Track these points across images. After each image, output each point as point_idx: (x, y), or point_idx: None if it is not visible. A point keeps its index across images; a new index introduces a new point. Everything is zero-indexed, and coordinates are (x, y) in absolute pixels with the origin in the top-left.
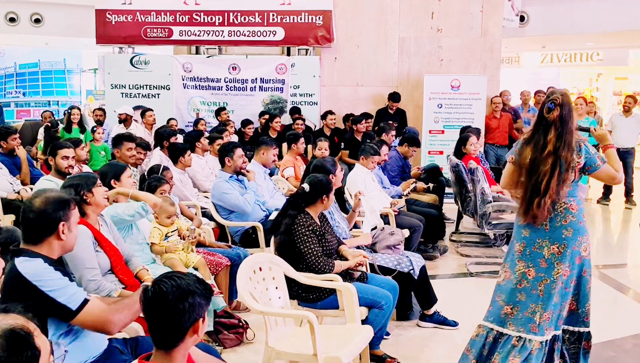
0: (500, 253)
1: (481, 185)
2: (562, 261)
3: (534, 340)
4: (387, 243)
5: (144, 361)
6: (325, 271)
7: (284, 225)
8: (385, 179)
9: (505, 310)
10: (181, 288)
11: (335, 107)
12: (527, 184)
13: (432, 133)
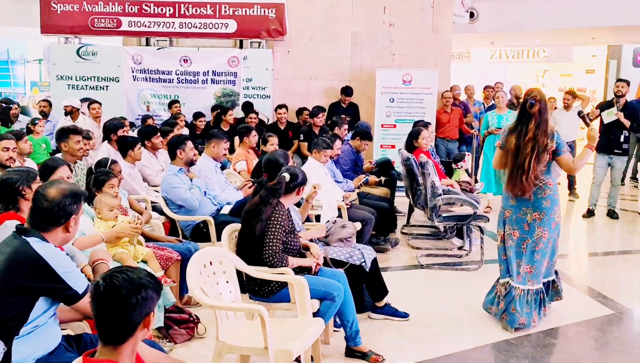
0: (450, 245)
1: (431, 178)
2: (541, 225)
3: (517, 287)
4: (339, 236)
5: (88, 358)
6: (277, 267)
7: (265, 214)
8: (338, 173)
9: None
10: (134, 282)
11: (289, 100)
12: (513, 164)
13: (384, 127)
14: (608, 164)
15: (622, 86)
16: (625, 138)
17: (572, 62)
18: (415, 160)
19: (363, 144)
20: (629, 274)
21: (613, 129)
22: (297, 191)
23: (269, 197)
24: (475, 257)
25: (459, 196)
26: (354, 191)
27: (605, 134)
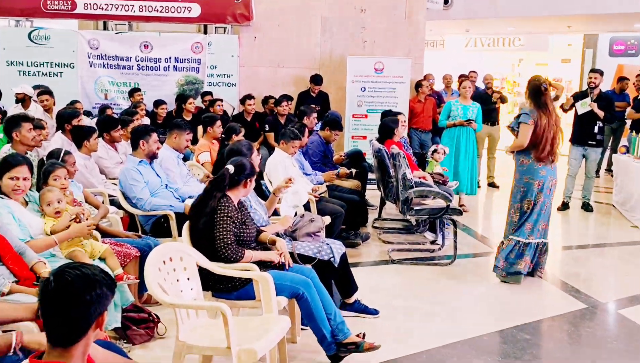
0: (422, 239)
1: (403, 171)
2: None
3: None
4: (307, 231)
5: (35, 360)
6: (233, 260)
7: (209, 207)
8: (307, 165)
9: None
10: (87, 278)
11: (255, 89)
12: (546, 140)
13: (355, 117)
14: (582, 156)
15: (595, 77)
16: (599, 128)
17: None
18: (386, 151)
19: (333, 134)
20: (603, 267)
21: (587, 120)
22: (244, 183)
23: (213, 190)
24: (448, 252)
25: (432, 188)
26: (324, 184)
27: (579, 125)
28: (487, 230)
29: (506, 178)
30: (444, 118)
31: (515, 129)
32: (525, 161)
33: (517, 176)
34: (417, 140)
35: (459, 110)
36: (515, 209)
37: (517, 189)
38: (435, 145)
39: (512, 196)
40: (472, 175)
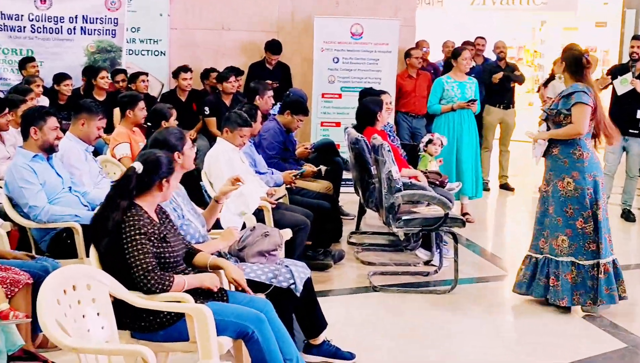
0: (413, 258)
1: (388, 168)
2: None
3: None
4: (260, 248)
5: None
6: (159, 291)
7: (112, 221)
8: (260, 161)
9: None
10: None
11: (192, 59)
12: (605, 125)
13: (325, 97)
14: (622, 149)
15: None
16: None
17: (578, 11)
18: (366, 143)
19: (296, 120)
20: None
21: (629, 102)
22: (158, 185)
23: (116, 198)
24: (447, 275)
25: (426, 191)
26: (283, 186)
27: (618, 108)
28: (499, 246)
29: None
30: (436, 101)
31: (562, 113)
32: (585, 154)
33: (576, 176)
34: (406, 128)
35: (455, 89)
36: (586, 220)
37: (582, 193)
38: (431, 134)
39: (572, 203)
40: (476, 173)
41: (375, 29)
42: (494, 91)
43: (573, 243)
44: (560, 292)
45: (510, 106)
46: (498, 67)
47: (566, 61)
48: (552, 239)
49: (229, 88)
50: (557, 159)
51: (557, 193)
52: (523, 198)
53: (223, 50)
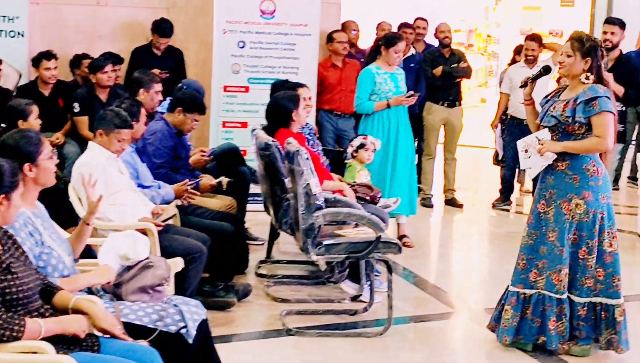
0: (337, 293)
1: (306, 180)
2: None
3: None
4: (142, 283)
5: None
6: (5, 339)
7: None
8: (144, 171)
9: None
10: None
11: (58, 42)
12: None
13: (228, 91)
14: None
15: (613, 32)
16: (620, 114)
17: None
18: (279, 148)
19: (190, 119)
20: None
21: None
22: None
23: None
24: (379, 314)
25: (353, 210)
26: (173, 203)
27: None
28: (444, 276)
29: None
30: (366, 97)
31: (580, 122)
32: (600, 171)
33: (588, 196)
34: (330, 129)
35: (388, 82)
36: (590, 250)
37: (594, 218)
38: (362, 137)
39: (579, 228)
40: (411, 186)
41: (290, 7)
42: (436, 86)
43: (570, 274)
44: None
45: (456, 104)
46: (441, 56)
47: (592, 55)
48: (551, 272)
49: (104, 80)
50: (565, 175)
51: (562, 216)
52: (474, 216)
53: (99, 32)
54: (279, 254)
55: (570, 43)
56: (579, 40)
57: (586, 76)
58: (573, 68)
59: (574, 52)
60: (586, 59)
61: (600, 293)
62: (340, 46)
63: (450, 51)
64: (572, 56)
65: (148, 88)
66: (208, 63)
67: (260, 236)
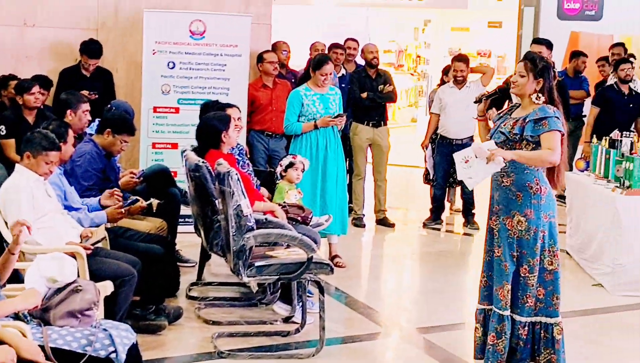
0: (269, 315)
1: (236, 201)
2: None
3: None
4: (70, 308)
5: None
6: None
7: None
8: (73, 194)
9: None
10: None
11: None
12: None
13: (158, 112)
14: None
15: (540, 51)
16: None
17: (469, 9)
18: (209, 169)
19: (119, 141)
20: None
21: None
22: None
23: None
24: (311, 335)
25: (285, 231)
26: (103, 226)
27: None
28: (374, 295)
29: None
30: (294, 118)
31: (527, 139)
32: (543, 189)
33: (530, 214)
34: (262, 150)
35: (317, 103)
36: (531, 268)
37: (535, 236)
38: (292, 156)
39: (521, 246)
40: (342, 206)
41: (220, 27)
42: (362, 106)
43: (513, 293)
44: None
45: (382, 124)
46: (367, 77)
47: (544, 75)
48: (498, 288)
49: (31, 101)
50: (509, 191)
51: (505, 232)
52: (405, 235)
53: (26, 52)
54: (210, 276)
55: (523, 63)
56: (532, 61)
57: (537, 96)
58: (525, 88)
59: (527, 72)
60: (538, 79)
61: (540, 312)
62: (271, 66)
63: (376, 72)
64: (525, 76)
65: (75, 109)
66: (137, 84)
67: (191, 258)
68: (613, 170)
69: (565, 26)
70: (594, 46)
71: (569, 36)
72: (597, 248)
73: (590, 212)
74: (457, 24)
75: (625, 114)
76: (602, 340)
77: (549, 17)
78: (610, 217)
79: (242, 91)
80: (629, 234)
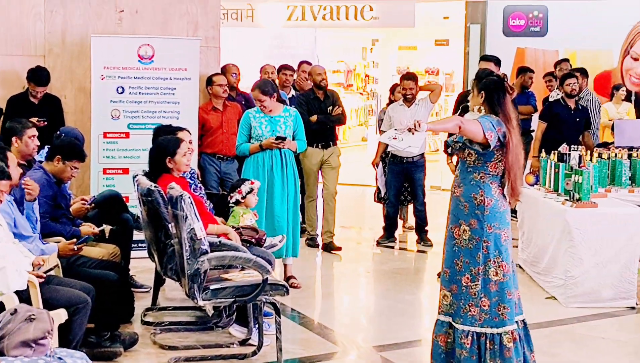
0: (226, 338)
1: (190, 225)
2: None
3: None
4: (24, 337)
5: None
6: None
7: None
8: (23, 222)
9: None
10: None
11: None
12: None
13: (109, 138)
14: None
15: (488, 69)
16: None
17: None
18: (161, 193)
19: (69, 167)
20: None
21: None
22: None
23: None
24: (269, 356)
25: (239, 253)
26: (55, 254)
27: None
28: (330, 314)
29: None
30: (243, 139)
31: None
32: (487, 201)
33: (474, 224)
34: (213, 172)
35: (264, 125)
36: (474, 277)
37: (477, 245)
38: (250, 182)
39: (465, 254)
40: (293, 227)
41: (169, 51)
42: (311, 130)
43: (455, 302)
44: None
45: (331, 144)
46: (315, 99)
47: (485, 90)
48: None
49: None
50: (459, 202)
51: (452, 240)
52: (359, 254)
53: None
54: (165, 301)
55: (474, 80)
56: (477, 77)
57: (479, 109)
58: (473, 102)
59: (473, 88)
60: (481, 93)
61: (485, 323)
62: (220, 89)
63: (324, 93)
64: (476, 95)
65: (21, 135)
66: (87, 109)
67: (146, 284)
68: (563, 184)
69: (512, 42)
70: (540, 61)
71: (515, 52)
72: (550, 261)
73: (541, 225)
74: (404, 42)
75: (572, 128)
76: (557, 352)
77: (495, 34)
78: (561, 230)
79: (192, 114)
80: (580, 246)
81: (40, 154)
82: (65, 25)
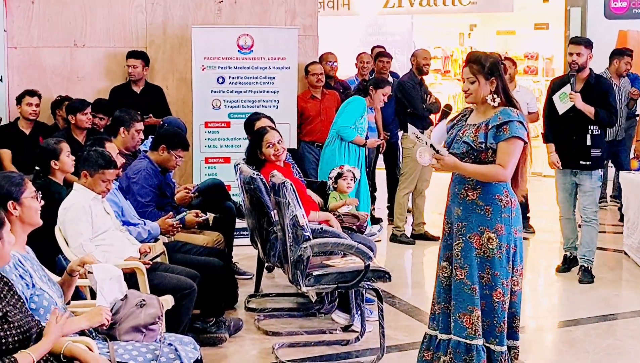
0: (329, 324)
1: (292, 212)
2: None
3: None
4: (135, 323)
5: None
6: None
7: None
8: (129, 209)
9: None
10: None
11: (37, 85)
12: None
13: (210, 127)
14: (574, 185)
15: (579, 52)
16: (593, 137)
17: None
18: (264, 181)
19: (173, 156)
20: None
21: (573, 125)
22: None
23: None
24: (372, 343)
25: (340, 239)
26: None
27: (562, 133)
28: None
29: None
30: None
31: (492, 148)
32: (513, 202)
33: (501, 230)
34: (312, 160)
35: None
36: (505, 291)
37: (507, 254)
38: (339, 167)
39: (492, 266)
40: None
41: (268, 40)
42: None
43: (486, 320)
44: None
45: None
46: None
47: (495, 74)
48: (463, 314)
49: (84, 121)
50: (476, 206)
51: (472, 251)
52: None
53: (78, 72)
54: (268, 287)
55: (469, 68)
56: (477, 62)
57: (492, 98)
58: (479, 93)
59: (475, 76)
60: (490, 79)
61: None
62: (314, 78)
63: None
64: (475, 81)
65: (128, 127)
66: (188, 100)
67: (249, 271)
68: None
69: (613, 25)
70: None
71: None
72: None
73: None
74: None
75: None
76: None
77: (596, 16)
78: None
79: (291, 103)
80: None
81: (144, 144)
82: (165, 17)
